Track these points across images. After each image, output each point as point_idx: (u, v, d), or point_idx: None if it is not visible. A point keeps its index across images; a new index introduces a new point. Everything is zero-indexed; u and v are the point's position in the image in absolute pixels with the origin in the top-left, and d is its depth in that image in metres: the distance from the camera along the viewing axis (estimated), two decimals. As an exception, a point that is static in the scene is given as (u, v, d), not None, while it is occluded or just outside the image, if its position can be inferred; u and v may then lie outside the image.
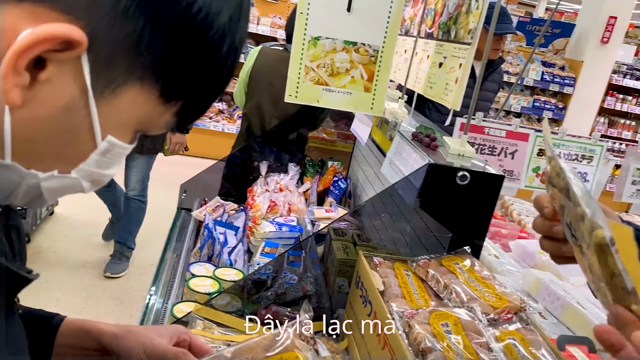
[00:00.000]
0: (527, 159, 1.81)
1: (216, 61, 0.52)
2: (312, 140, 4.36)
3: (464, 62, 1.39)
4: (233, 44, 0.52)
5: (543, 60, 6.50)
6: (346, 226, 2.02)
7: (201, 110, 0.57)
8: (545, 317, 1.45)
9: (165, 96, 0.51)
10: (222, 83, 0.55)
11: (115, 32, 0.44)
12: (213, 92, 0.56)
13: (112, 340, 0.79)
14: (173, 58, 0.48)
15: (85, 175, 0.51)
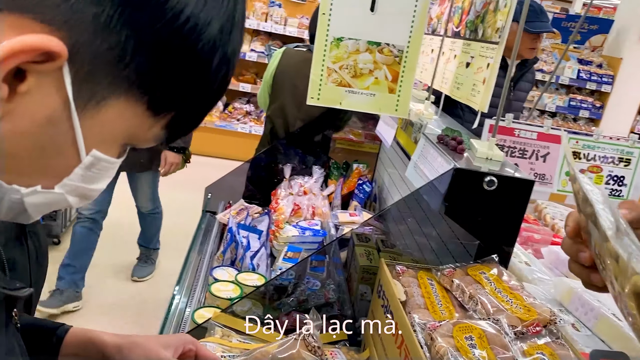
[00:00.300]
0: (559, 162, 1.73)
1: (206, 74, 0.49)
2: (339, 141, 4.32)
3: (491, 62, 1.33)
4: (225, 55, 0.50)
5: (579, 58, 6.29)
6: (371, 231, 1.98)
7: (193, 123, 0.55)
8: (579, 328, 1.37)
9: (153, 109, 0.48)
10: (214, 95, 0.53)
11: (97, 44, 0.42)
12: (205, 104, 0.53)
13: (116, 352, 0.77)
14: (160, 71, 0.46)
15: (71, 190, 0.49)
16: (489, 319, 1.05)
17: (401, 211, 1.94)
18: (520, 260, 1.74)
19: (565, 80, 6.15)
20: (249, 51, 5.89)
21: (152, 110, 0.48)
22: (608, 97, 6.26)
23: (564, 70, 6.13)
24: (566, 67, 6.10)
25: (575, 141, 1.74)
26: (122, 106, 0.46)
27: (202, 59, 0.48)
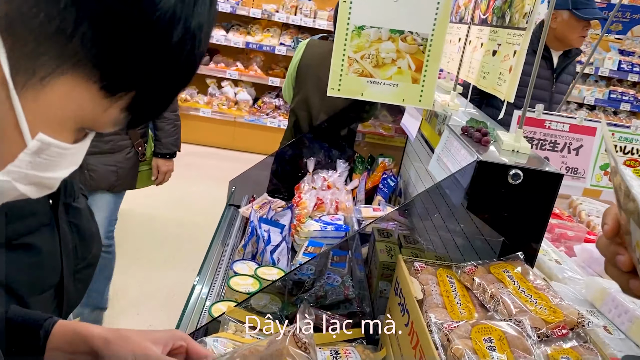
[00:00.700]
0: (593, 155, 1.64)
1: (166, 48, 0.45)
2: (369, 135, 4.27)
3: (518, 49, 1.26)
4: (189, 29, 0.45)
5: (621, 49, 6.04)
6: (394, 227, 1.93)
7: (159, 105, 0.50)
8: (611, 331, 1.29)
9: (108, 88, 0.45)
10: (180, 74, 0.49)
11: (32, 14, 0.39)
12: (170, 84, 0.49)
13: (103, 345, 0.75)
14: (109, 44, 0.42)
15: (19, 178, 0.46)
16: (510, 320, 0.99)
17: (426, 206, 1.88)
18: (550, 258, 1.66)
19: (605, 71, 5.91)
20: (278, 45, 5.87)
21: (107, 89, 0.45)
22: (651, 89, 6.00)
23: (603, 61, 5.89)
24: (606, 58, 5.86)
25: (612, 133, 1.65)
26: (70, 84, 0.43)
27: (159, 31, 0.44)
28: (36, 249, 1.05)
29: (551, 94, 3.23)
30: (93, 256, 1.30)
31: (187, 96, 5.92)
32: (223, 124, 5.91)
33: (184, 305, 1.63)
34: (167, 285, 3.27)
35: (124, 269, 3.32)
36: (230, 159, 5.69)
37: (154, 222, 4.03)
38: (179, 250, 3.70)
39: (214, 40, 5.84)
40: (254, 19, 6.07)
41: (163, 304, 3.04)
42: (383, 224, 1.96)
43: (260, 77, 5.94)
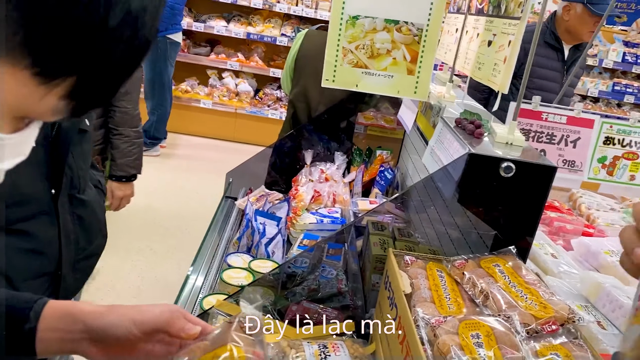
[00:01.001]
0: (591, 148, 1.62)
1: (104, 33, 0.43)
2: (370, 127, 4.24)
3: (513, 39, 1.24)
4: (129, 13, 0.44)
5: (625, 40, 5.97)
6: (390, 220, 1.91)
7: (104, 93, 0.48)
8: (605, 327, 1.28)
9: (42, 75, 0.43)
10: (123, 60, 0.47)
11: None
12: (113, 70, 0.47)
13: (97, 318, 0.74)
14: (38, 28, 0.40)
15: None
16: (499, 315, 0.97)
17: (421, 199, 1.86)
18: (546, 252, 1.65)
19: (609, 63, 5.85)
20: (279, 36, 5.84)
21: (41, 75, 0.43)
22: (656, 81, 5.93)
23: (608, 53, 5.83)
24: (610, 50, 5.80)
25: (609, 125, 1.62)
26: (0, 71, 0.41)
27: (94, 14, 0.42)
28: (32, 235, 1.06)
29: (561, 86, 3.21)
30: (95, 247, 1.31)
31: (187, 87, 5.90)
32: (224, 116, 5.89)
33: (177, 296, 1.63)
34: (166, 276, 3.27)
35: (124, 260, 3.33)
36: (231, 150, 5.68)
37: (154, 213, 4.03)
38: (179, 241, 3.70)
39: (215, 31, 5.81)
40: (255, 10, 6.03)
41: (162, 295, 3.04)
42: (379, 217, 1.95)
43: (261, 68, 5.91)
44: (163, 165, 5.06)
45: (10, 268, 1.03)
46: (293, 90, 2.68)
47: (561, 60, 3.19)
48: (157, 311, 0.77)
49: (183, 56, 5.82)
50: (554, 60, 3.18)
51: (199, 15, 6.04)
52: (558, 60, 3.19)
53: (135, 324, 0.74)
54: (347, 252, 1.82)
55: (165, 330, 0.75)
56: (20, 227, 1.04)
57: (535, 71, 3.20)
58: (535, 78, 3.17)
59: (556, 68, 3.18)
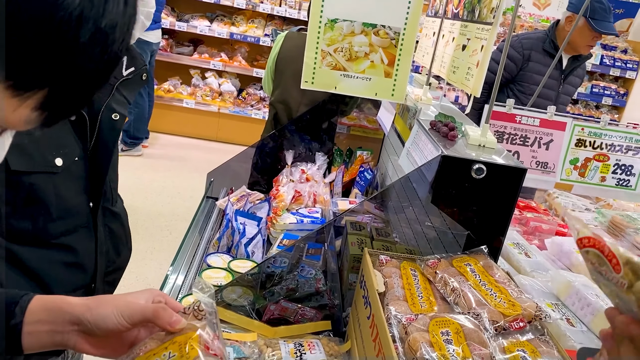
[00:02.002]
0: (563, 150, 1.66)
1: (74, 47, 0.45)
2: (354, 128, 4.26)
3: (485, 44, 1.27)
4: (99, 29, 0.45)
5: (603, 43, 6.09)
6: (369, 220, 1.94)
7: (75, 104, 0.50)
8: (574, 324, 1.32)
9: (15, 87, 0.44)
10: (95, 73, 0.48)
11: None
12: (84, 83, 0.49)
13: (86, 310, 0.75)
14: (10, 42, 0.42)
15: None
16: (469, 313, 1.00)
17: (400, 199, 1.89)
18: (520, 252, 1.69)
19: (587, 66, 5.95)
20: (262, 36, 5.84)
21: (15, 88, 0.44)
22: (633, 83, 6.06)
23: (586, 55, 5.93)
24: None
25: (581, 128, 1.67)
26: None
27: (64, 30, 0.43)
28: (73, 249, 1.11)
29: (557, 94, 3.26)
30: (122, 260, 1.36)
31: (170, 87, 5.88)
32: (207, 115, 5.88)
33: (156, 297, 1.63)
34: (147, 277, 3.26)
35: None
36: (214, 150, 5.67)
37: (135, 214, 4.01)
38: (160, 242, 3.69)
39: (198, 31, 5.80)
40: (239, 10, 6.03)
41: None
42: (358, 217, 1.97)
43: (244, 68, 5.91)
44: (145, 165, 5.03)
45: (53, 282, 1.07)
46: (274, 92, 2.69)
47: (559, 69, 3.24)
48: (142, 301, 0.79)
49: (166, 56, 5.80)
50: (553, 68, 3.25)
51: (182, 14, 6.02)
52: (556, 68, 3.24)
53: (124, 315, 0.76)
54: (326, 251, 1.84)
55: (152, 321, 0.77)
56: (63, 240, 1.08)
57: (532, 77, 3.25)
58: (532, 84, 3.22)
59: (553, 76, 3.23)
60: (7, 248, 1.00)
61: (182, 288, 1.72)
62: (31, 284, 1.04)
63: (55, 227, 1.06)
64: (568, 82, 3.30)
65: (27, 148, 0.99)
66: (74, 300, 0.79)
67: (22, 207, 0.99)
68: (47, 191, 1.03)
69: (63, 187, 1.06)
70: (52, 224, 1.05)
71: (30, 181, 0.99)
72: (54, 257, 1.07)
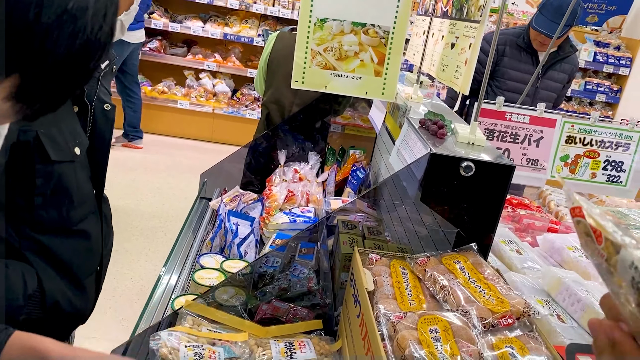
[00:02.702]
0: (553, 147, 1.67)
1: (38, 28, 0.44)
2: (348, 127, 4.26)
3: (473, 42, 1.27)
4: (66, 11, 0.44)
5: (596, 40, 6.11)
6: (362, 219, 1.94)
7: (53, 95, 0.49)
8: (565, 320, 1.32)
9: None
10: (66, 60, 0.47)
11: None
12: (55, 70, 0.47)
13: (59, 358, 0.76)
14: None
15: None
16: (457, 310, 1.00)
17: (392, 197, 1.90)
18: (512, 249, 1.69)
19: (581, 63, 5.97)
20: (256, 36, 5.84)
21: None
22: (626, 80, 6.08)
23: (579, 53, 5.95)
24: (582, 50, 5.93)
25: (571, 125, 1.67)
26: None
27: (26, 12, 0.42)
28: (88, 234, 1.16)
29: (535, 89, 3.26)
30: (111, 243, 1.44)
31: (164, 88, 5.87)
32: (201, 116, 5.87)
33: (149, 296, 1.63)
34: (142, 278, 3.25)
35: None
36: (208, 151, 5.66)
37: (130, 215, 4.01)
38: (154, 243, 3.69)
39: (192, 32, 5.79)
40: (232, 10, 6.02)
41: (137, 298, 3.03)
42: (350, 215, 1.97)
43: (238, 69, 5.90)
44: (140, 166, 5.02)
45: (77, 268, 1.13)
46: (267, 92, 2.69)
47: (535, 64, 3.25)
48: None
49: (159, 57, 5.79)
50: (527, 63, 3.25)
51: (175, 15, 6.01)
52: (532, 64, 3.25)
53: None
54: (319, 250, 1.84)
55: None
56: (81, 227, 1.13)
57: (506, 73, 3.26)
58: (507, 80, 3.23)
59: (530, 71, 3.23)
60: (35, 239, 1.03)
61: (175, 289, 1.72)
62: (59, 272, 1.08)
63: (75, 214, 1.10)
64: (548, 78, 3.27)
65: (57, 138, 1.02)
66: (51, 345, 0.79)
67: (51, 196, 1.03)
68: (70, 179, 1.08)
69: (80, 175, 1.12)
70: (73, 211, 1.09)
71: (59, 171, 1.04)
72: (75, 244, 1.12)
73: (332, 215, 2.07)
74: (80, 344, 2.58)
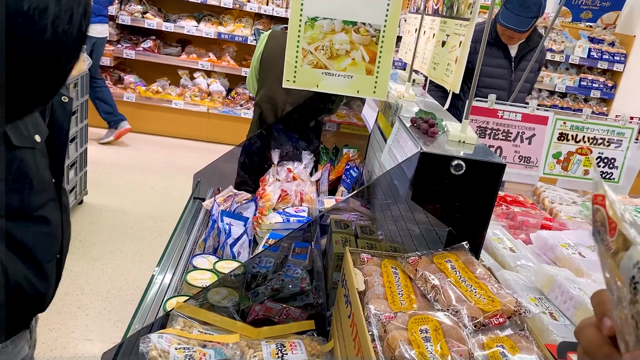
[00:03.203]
0: (546, 144, 1.66)
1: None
2: (343, 125, 4.24)
3: (463, 40, 1.27)
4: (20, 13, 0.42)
5: (590, 36, 6.11)
6: (355, 218, 1.93)
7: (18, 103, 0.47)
8: (557, 318, 1.32)
9: None
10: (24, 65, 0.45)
11: None
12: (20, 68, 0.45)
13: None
14: None
15: None
16: (448, 310, 1.00)
17: (385, 197, 1.89)
18: (505, 247, 1.69)
19: (575, 59, 5.98)
20: (250, 35, 5.82)
21: None
22: (620, 76, 6.09)
23: (574, 49, 5.96)
24: (576, 46, 5.93)
25: (563, 122, 1.67)
26: None
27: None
28: (48, 220, 1.18)
29: (510, 82, 3.26)
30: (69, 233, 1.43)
31: (158, 88, 5.84)
32: (196, 116, 5.85)
33: (141, 298, 1.63)
34: (137, 279, 3.24)
35: (94, 263, 3.29)
36: (203, 150, 5.64)
37: (124, 216, 3.99)
38: (149, 243, 3.68)
39: (185, 31, 5.77)
40: (226, 9, 6.00)
41: (131, 299, 3.01)
42: (344, 215, 1.97)
43: (233, 68, 5.89)
44: (134, 166, 5.00)
45: (39, 251, 1.15)
46: (259, 92, 2.68)
47: (507, 57, 3.25)
48: None
49: (154, 57, 5.77)
50: (499, 57, 3.24)
51: (169, 15, 5.99)
52: (504, 57, 3.25)
53: None
54: (312, 250, 1.84)
55: None
56: (41, 212, 1.15)
57: (482, 69, 3.25)
58: (483, 77, 3.21)
59: (503, 65, 3.23)
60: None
61: (168, 290, 1.71)
62: (20, 256, 1.10)
63: (36, 200, 1.12)
64: (521, 69, 3.27)
65: (19, 125, 1.05)
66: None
67: (12, 182, 1.06)
68: (31, 165, 1.10)
69: (39, 162, 1.14)
70: (33, 197, 1.11)
71: (21, 156, 1.06)
72: (36, 229, 1.14)
73: (326, 214, 2.06)
74: (76, 345, 2.58)
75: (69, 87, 3.48)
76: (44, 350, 2.51)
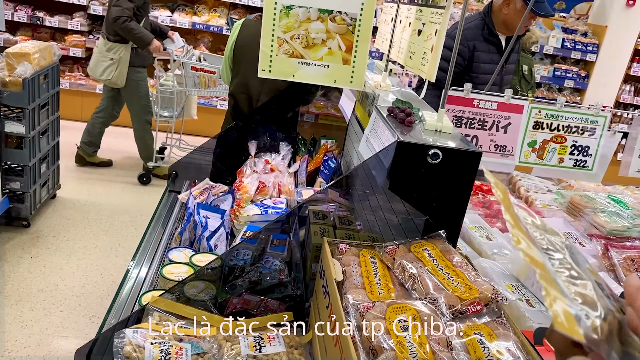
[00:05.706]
0: (521, 133, 1.67)
1: None
2: (322, 117, 4.23)
3: (439, 28, 1.26)
4: None
5: (564, 27, 6.19)
6: (333, 208, 1.92)
7: None
8: (533, 304, 1.33)
9: None
10: None
11: None
12: None
13: None
14: None
15: None
16: (425, 298, 1.00)
17: (363, 186, 1.89)
18: (482, 235, 1.70)
19: (549, 49, 6.06)
20: (225, 25, 5.75)
21: None
22: (593, 66, 6.19)
23: (548, 39, 6.03)
24: (550, 37, 6.00)
25: (538, 110, 1.68)
26: None
27: None
28: None
29: (501, 77, 3.29)
30: None
31: (133, 79, 5.73)
32: (172, 108, 5.76)
33: (115, 293, 1.60)
34: (112, 273, 3.19)
35: (68, 258, 3.23)
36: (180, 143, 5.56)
37: (99, 210, 3.92)
38: (125, 238, 3.62)
39: (159, 21, 5.66)
40: (201, -1, 5.92)
41: (107, 294, 2.97)
42: (322, 206, 1.96)
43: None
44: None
45: None
46: (233, 81, 2.64)
47: (500, 53, 3.27)
48: None
49: (127, 47, 5.65)
50: (494, 54, 3.26)
51: (143, 4, 5.87)
52: (497, 53, 3.27)
53: None
54: (291, 242, 1.82)
55: None
56: None
57: (479, 67, 3.26)
58: (480, 74, 3.23)
59: (496, 60, 3.25)
60: None
61: (144, 284, 1.69)
62: None
63: None
64: (511, 62, 3.33)
65: None
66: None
67: None
68: None
69: None
70: None
71: None
72: None
73: (304, 205, 2.05)
74: (50, 341, 2.53)
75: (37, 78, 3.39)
76: (16, 348, 2.46)
